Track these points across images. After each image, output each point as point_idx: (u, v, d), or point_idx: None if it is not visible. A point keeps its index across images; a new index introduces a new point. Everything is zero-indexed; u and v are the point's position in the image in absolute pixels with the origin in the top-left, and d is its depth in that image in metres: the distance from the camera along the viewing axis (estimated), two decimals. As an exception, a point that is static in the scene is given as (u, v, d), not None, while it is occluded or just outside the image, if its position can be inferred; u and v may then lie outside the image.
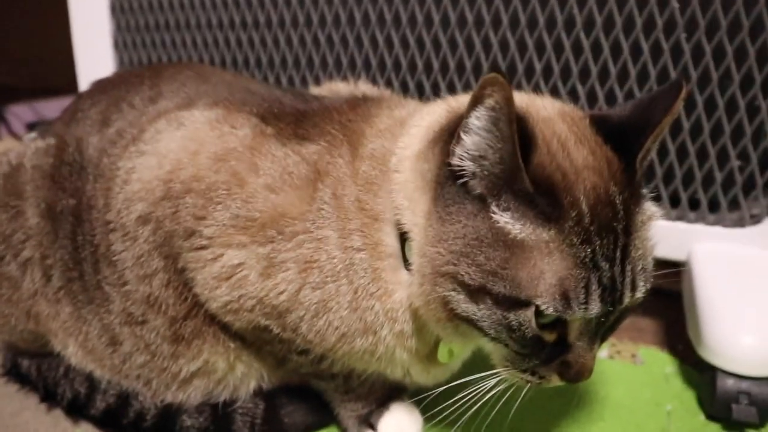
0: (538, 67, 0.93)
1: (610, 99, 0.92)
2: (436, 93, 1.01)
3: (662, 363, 0.91)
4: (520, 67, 0.94)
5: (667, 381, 0.87)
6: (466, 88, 0.99)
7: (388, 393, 0.74)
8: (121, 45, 1.22)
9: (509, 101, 0.50)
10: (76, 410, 0.77)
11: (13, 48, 1.79)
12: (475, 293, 0.53)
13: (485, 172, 0.54)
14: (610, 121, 0.59)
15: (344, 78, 1.04)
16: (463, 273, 0.53)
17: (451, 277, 0.54)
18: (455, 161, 0.55)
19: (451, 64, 0.97)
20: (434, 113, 0.64)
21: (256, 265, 0.62)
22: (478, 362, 0.67)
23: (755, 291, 0.83)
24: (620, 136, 0.57)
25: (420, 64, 0.99)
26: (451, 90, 0.99)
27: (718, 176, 0.90)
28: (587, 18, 0.88)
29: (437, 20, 0.95)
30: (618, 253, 0.53)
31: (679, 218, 0.94)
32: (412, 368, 0.67)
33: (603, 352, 0.94)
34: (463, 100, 0.65)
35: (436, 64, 0.98)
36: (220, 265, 0.63)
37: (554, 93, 0.91)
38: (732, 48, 0.83)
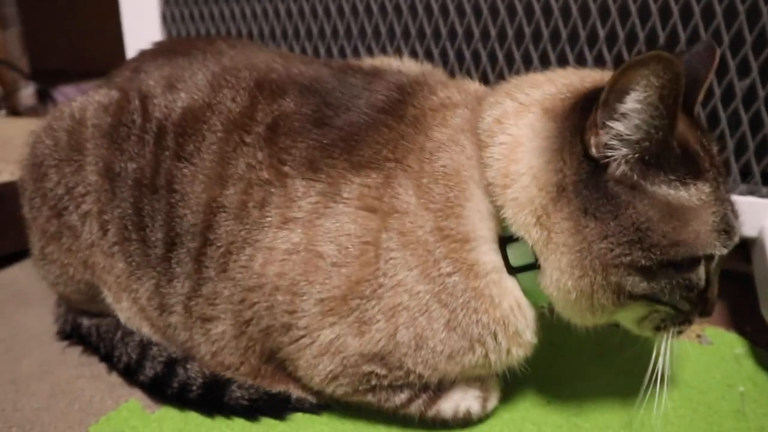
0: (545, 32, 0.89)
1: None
2: (461, 62, 0.99)
3: (731, 344, 0.87)
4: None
5: (738, 362, 0.83)
6: (491, 57, 0.96)
7: None
8: (169, 19, 1.21)
9: (680, 77, 0.50)
10: (129, 375, 0.77)
11: (62, 34, 1.81)
12: (654, 270, 0.55)
13: (637, 155, 0.54)
14: None
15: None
16: (640, 258, 0.55)
17: (625, 266, 0.55)
18: (597, 153, 0.55)
19: (476, 32, 0.94)
20: (520, 116, 0.60)
21: (349, 330, 0.63)
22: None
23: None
24: None
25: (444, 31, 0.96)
26: (476, 58, 0.97)
27: (795, 148, 0.85)
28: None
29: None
30: (726, 187, 0.59)
31: (751, 192, 0.89)
32: (519, 360, 0.66)
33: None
34: (548, 87, 0.62)
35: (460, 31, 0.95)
36: (318, 345, 0.65)
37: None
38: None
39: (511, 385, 0.74)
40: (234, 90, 0.71)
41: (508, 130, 0.60)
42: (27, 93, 1.77)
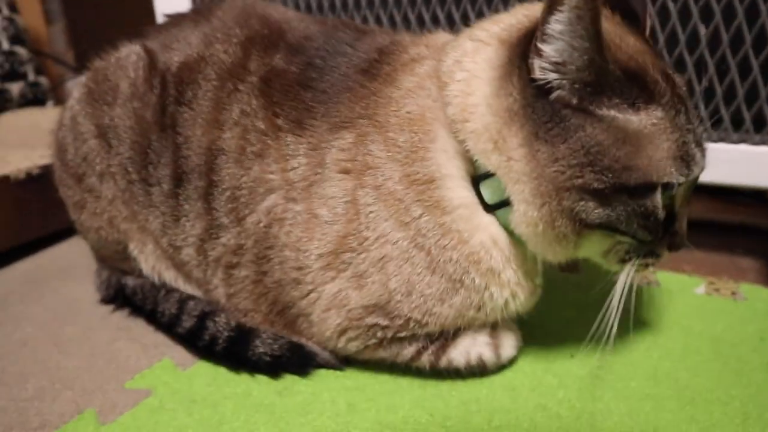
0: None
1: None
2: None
3: (766, 299, 0.84)
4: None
5: (773, 316, 0.80)
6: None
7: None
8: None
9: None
10: (170, 328, 0.82)
11: (105, 28, 1.88)
12: (608, 195, 0.55)
13: (574, 79, 0.54)
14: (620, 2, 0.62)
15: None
16: (592, 180, 0.54)
17: (578, 189, 0.55)
18: (540, 76, 0.55)
19: None
20: (478, 51, 0.62)
21: (348, 284, 0.66)
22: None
23: None
24: (629, 15, 0.61)
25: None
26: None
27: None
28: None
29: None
30: (690, 116, 0.58)
31: (765, 142, 0.85)
32: (518, 305, 0.67)
33: (699, 288, 0.88)
34: (508, 19, 0.63)
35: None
36: (324, 300, 0.68)
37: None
38: None
39: (538, 339, 0.75)
40: (226, 44, 0.76)
41: (465, 67, 0.61)
42: (73, 85, 1.85)
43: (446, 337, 0.68)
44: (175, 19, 0.86)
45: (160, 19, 1.26)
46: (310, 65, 0.72)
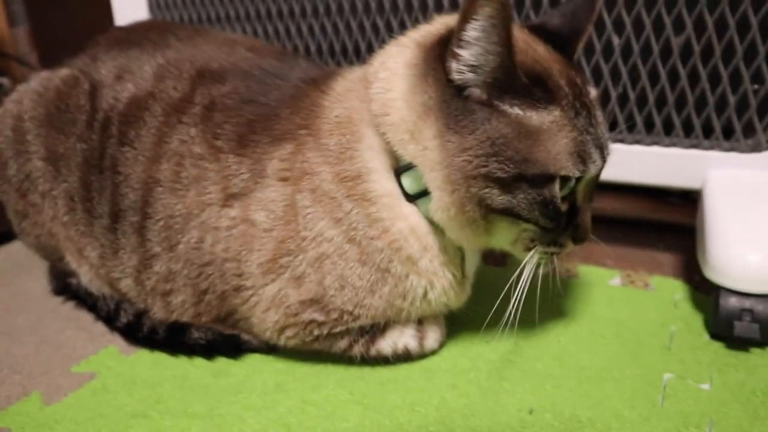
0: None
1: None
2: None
3: (673, 290, 0.91)
4: None
5: (676, 306, 0.87)
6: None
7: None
8: (155, 5, 1.29)
9: (507, 7, 0.56)
10: (109, 322, 0.86)
11: (68, 30, 1.90)
12: (510, 184, 0.61)
13: (486, 79, 0.60)
14: (545, 29, 0.69)
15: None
16: (495, 170, 0.60)
17: (483, 177, 0.61)
18: (456, 77, 0.61)
19: None
20: (400, 53, 0.68)
21: (287, 284, 0.71)
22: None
23: (765, 213, 0.82)
24: (555, 40, 0.67)
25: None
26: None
27: (732, 100, 0.88)
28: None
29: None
30: (593, 120, 0.64)
31: (693, 146, 0.93)
32: (439, 295, 0.72)
33: (615, 279, 0.95)
34: (427, 28, 0.69)
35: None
36: (264, 301, 0.73)
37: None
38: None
39: (459, 326, 0.81)
40: (176, 80, 0.79)
41: (388, 67, 0.67)
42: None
43: (376, 329, 0.74)
44: (128, 35, 0.89)
45: (115, 13, 1.30)
46: (258, 83, 0.77)
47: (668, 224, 1.17)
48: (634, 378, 0.72)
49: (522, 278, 0.68)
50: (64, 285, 0.94)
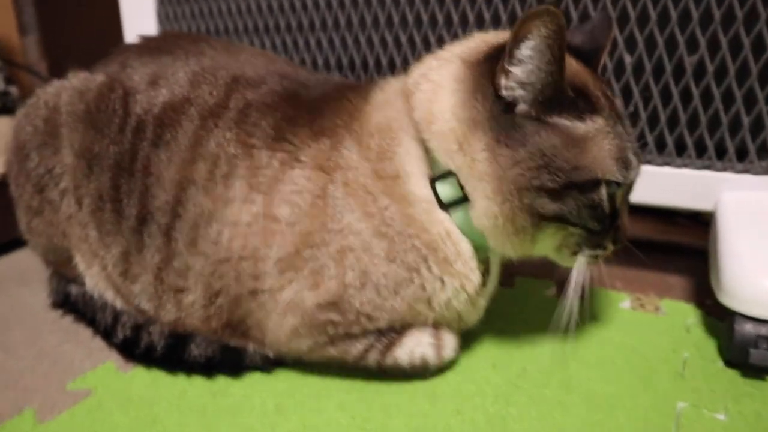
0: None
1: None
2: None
3: (685, 314, 0.89)
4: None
5: (688, 331, 0.85)
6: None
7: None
8: (164, 17, 1.28)
9: (563, 28, 0.59)
10: (107, 337, 0.85)
11: (78, 40, 1.91)
12: (561, 191, 0.63)
13: (536, 95, 0.63)
14: (570, 45, 0.69)
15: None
16: (547, 180, 0.62)
17: (536, 188, 0.63)
18: (506, 93, 0.63)
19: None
20: (443, 67, 0.69)
21: (305, 283, 0.70)
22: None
23: (781, 237, 0.80)
24: (579, 56, 0.70)
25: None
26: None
27: (746, 121, 0.86)
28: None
29: None
30: (626, 129, 0.67)
31: (706, 167, 0.91)
32: (461, 302, 0.72)
33: (625, 302, 0.93)
34: (467, 44, 0.71)
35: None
36: (281, 304, 0.71)
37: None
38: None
39: (464, 349, 0.79)
40: (212, 86, 0.79)
41: (431, 79, 0.69)
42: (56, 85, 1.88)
43: (393, 334, 0.73)
44: (159, 44, 0.89)
45: (128, 34, 1.30)
46: (299, 84, 0.79)
47: (678, 246, 1.15)
48: (647, 406, 0.70)
49: (573, 283, 0.69)
50: (64, 297, 0.93)
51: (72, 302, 0.91)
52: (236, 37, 1.21)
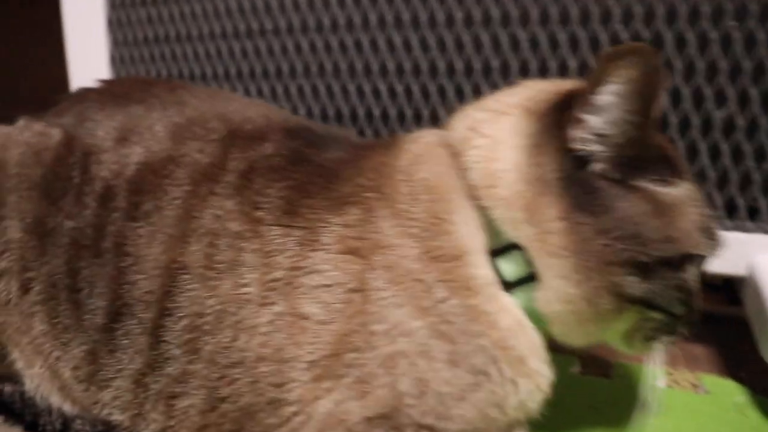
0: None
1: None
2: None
3: (731, 392, 0.80)
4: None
5: (741, 412, 0.76)
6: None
7: None
8: (118, 61, 1.15)
9: (658, 72, 0.50)
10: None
11: (10, 81, 1.75)
12: (651, 268, 0.53)
13: (617, 152, 0.53)
14: None
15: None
16: (638, 253, 0.52)
17: (625, 263, 0.52)
18: (578, 146, 0.53)
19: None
20: (499, 119, 0.58)
21: (348, 393, 0.54)
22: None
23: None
24: None
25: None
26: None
27: (780, 179, 0.81)
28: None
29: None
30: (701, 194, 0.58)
31: (737, 228, 0.85)
32: (536, 402, 0.59)
33: (660, 381, 0.83)
34: (524, 92, 0.60)
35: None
36: (317, 420, 0.55)
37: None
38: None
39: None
40: (201, 142, 0.64)
41: (485, 133, 0.58)
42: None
43: None
44: (125, 91, 0.72)
45: (75, 80, 1.15)
46: (306, 144, 0.63)
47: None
48: None
49: (650, 374, 0.61)
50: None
51: (7, 402, 0.72)
52: (204, 83, 1.09)
